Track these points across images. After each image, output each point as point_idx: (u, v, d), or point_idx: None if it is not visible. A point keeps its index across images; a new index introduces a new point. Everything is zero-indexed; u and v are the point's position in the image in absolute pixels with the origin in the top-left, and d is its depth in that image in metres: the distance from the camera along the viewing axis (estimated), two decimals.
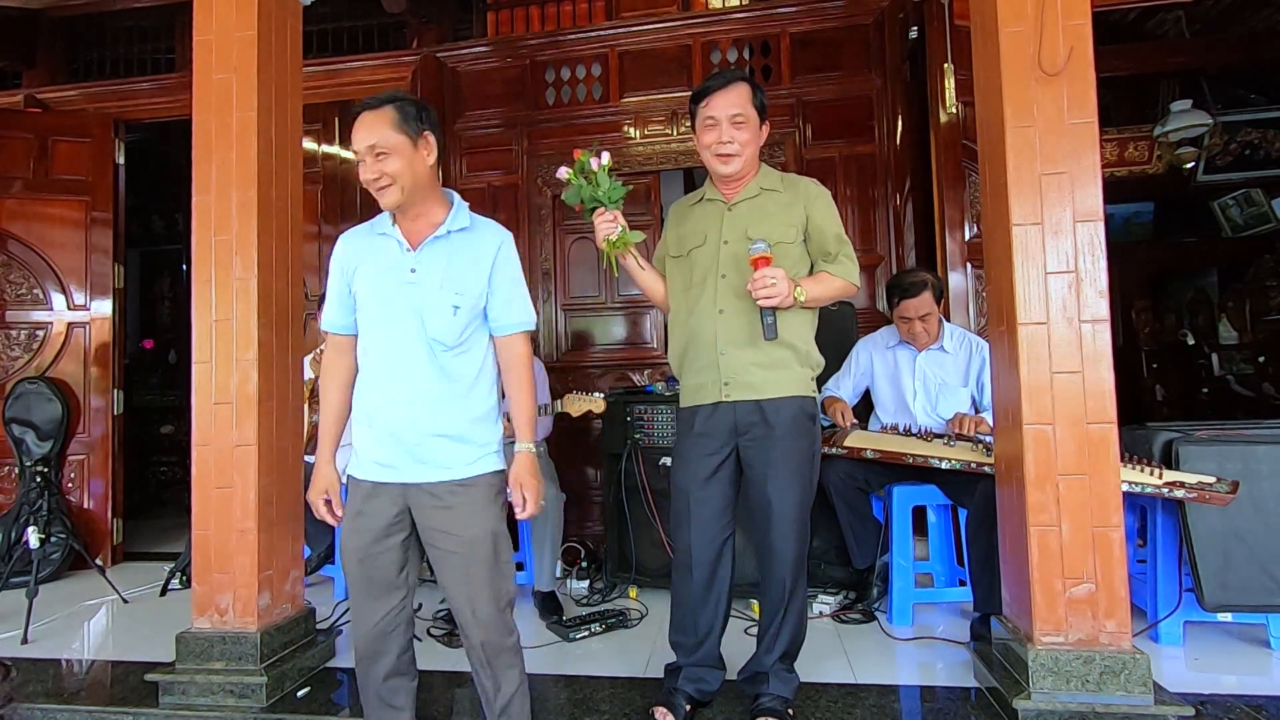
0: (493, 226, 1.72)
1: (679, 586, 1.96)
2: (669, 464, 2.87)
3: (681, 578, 1.95)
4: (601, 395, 2.90)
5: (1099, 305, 1.85)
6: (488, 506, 1.61)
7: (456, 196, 1.71)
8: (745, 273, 1.83)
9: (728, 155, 1.89)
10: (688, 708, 1.91)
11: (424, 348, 1.60)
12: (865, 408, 3.03)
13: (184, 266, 6.13)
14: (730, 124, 1.88)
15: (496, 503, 1.63)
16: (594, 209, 1.90)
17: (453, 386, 1.61)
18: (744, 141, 1.88)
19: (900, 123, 3.52)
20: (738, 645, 2.43)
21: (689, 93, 3.68)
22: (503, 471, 1.66)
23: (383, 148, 1.57)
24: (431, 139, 1.63)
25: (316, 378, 3.11)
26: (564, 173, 1.92)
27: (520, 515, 1.64)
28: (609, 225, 1.88)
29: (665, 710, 1.88)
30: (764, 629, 1.93)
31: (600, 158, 1.88)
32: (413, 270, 1.61)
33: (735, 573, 1.98)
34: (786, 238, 1.89)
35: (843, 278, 1.92)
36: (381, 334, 1.63)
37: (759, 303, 1.78)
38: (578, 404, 2.88)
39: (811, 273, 1.94)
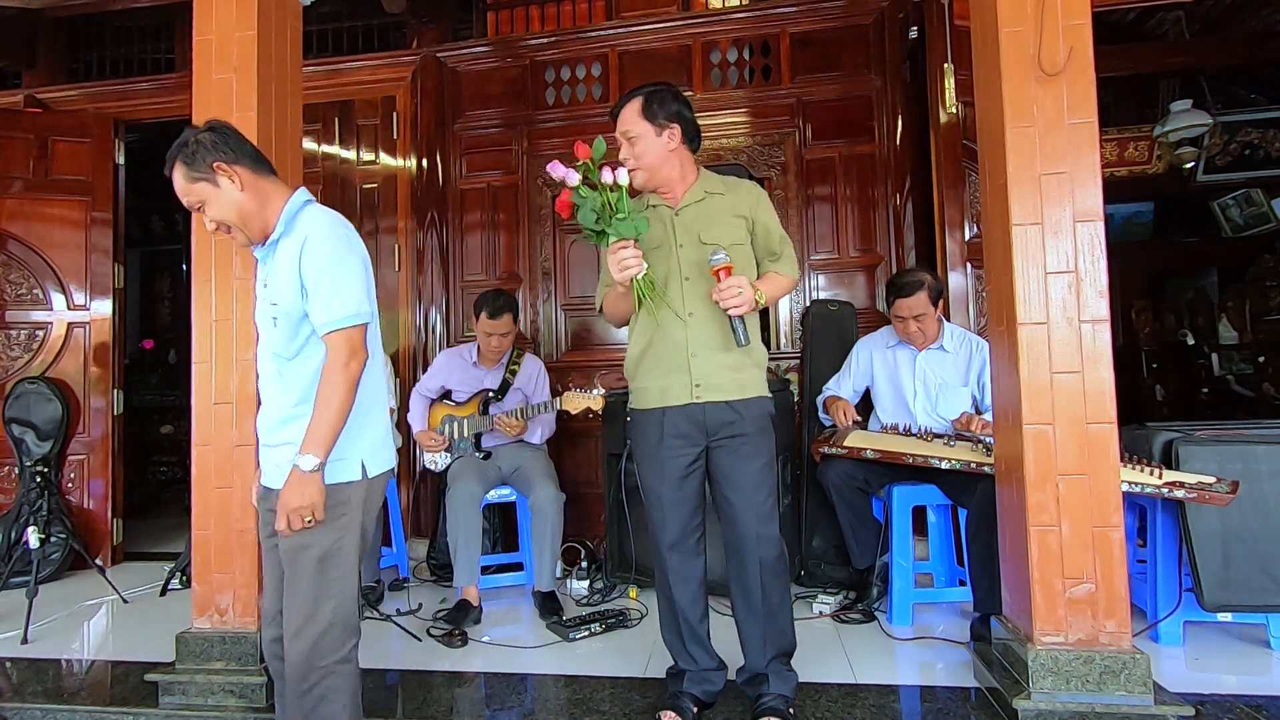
0: (305, 222, 1.56)
1: (662, 589, 1.97)
2: None
3: (664, 579, 1.96)
4: (601, 392, 2.90)
5: (1099, 305, 1.85)
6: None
7: (292, 200, 1.59)
8: (707, 278, 1.84)
9: (631, 169, 1.89)
10: (694, 710, 1.90)
11: (271, 359, 1.61)
12: (865, 408, 3.03)
13: (184, 266, 6.13)
14: (625, 141, 1.93)
15: (334, 517, 1.52)
16: (613, 240, 1.74)
17: (288, 396, 1.57)
18: (637, 154, 1.91)
19: (900, 123, 3.52)
20: (737, 644, 2.43)
21: (689, 93, 3.73)
22: (353, 484, 1.55)
23: (195, 201, 1.56)
24: (226, 165, 1.53)
25: None
26: (569, 175, 1.70)
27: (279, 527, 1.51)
28: (636, 262, 1.76)
29: (674, 714, 1.87)
30: (746, 632, 1.92)
31: (617, 173, 1.71)
32: (264, 285, 1.61)
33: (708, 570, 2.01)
34: (737, 239, 1.92)
35: (788, 275, 2.00)
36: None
37: (729, 312, 1.80)
38: (577, 401, 2.88)
39: (759, 272, 1.98)
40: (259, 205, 1.57)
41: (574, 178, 1.71)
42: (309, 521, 1.48)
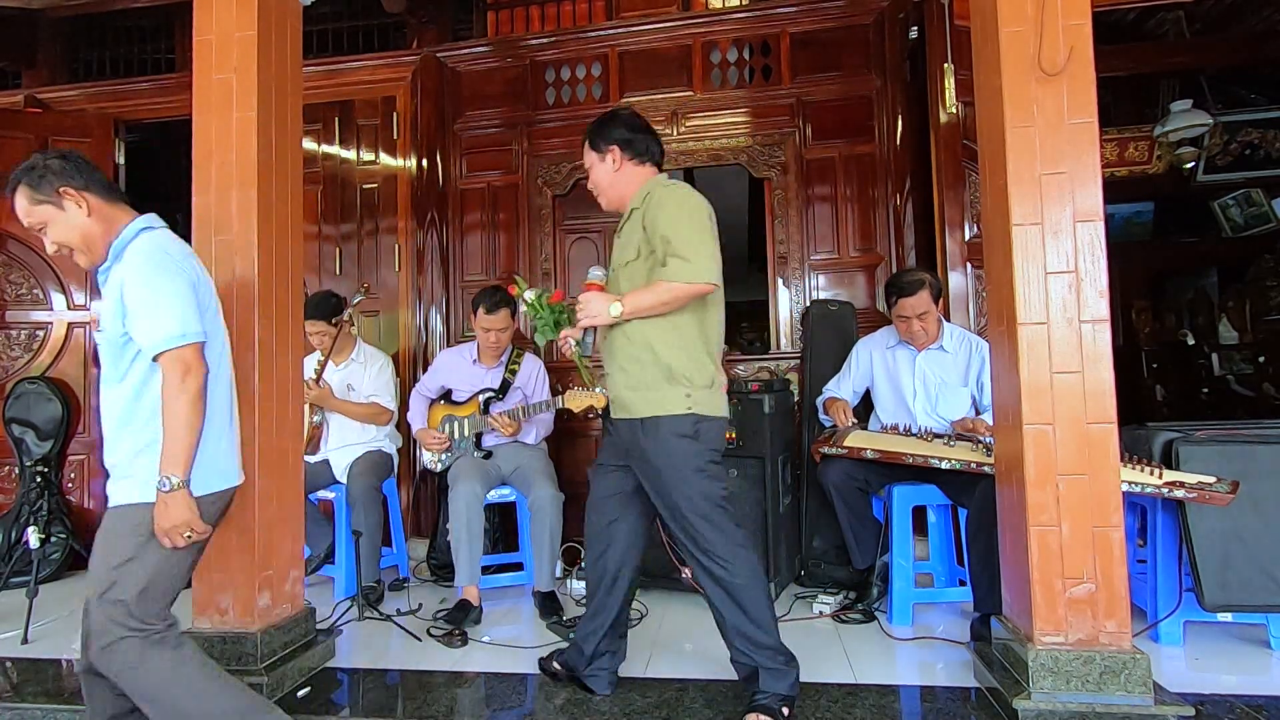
0: (130, 248, 1.61)
1: None
2: None
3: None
4: (603, 391, 2.90)
5: (1099, 305, 1.85)
6: (107, 538, 1.57)
7: (125, 230, 1.64)
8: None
9: (597, 196, 2.14)
10: (558, 667, 2.14)
11: (103, 384, 1.64)
12: (865, 408, 3.03)
13: None
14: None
15: (127, 536, 1.55)
16: (554, 338, 2.23)
17: (113, 419, 1.61)
18: (593, 182, 2.12)
19: (900, 123, 3.52)
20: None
21: (689, 93, 3.74)
22: (150, 506, 1.55)
23: (36, 223, 1.60)
24: (73, 190, 1.59)
25: (316, 379, 3.12)
26: (520, 304, 2.32)
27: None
28: (568, 345, 2.11)
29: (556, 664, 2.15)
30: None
31: (527, 294, 2.27)
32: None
33: (629, 563, 2.11)
34: (630, 256, 1.98)
35: (667, 280, 1.85)
36: None
37: (579, 324, 2.00)
38: (579, 400, 2.88)
39: None
40: (105, 230, 1.63)
41: (521, 307, 2.33)
42: (189, 537, 1.54)
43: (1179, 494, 2.17)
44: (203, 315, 1.62)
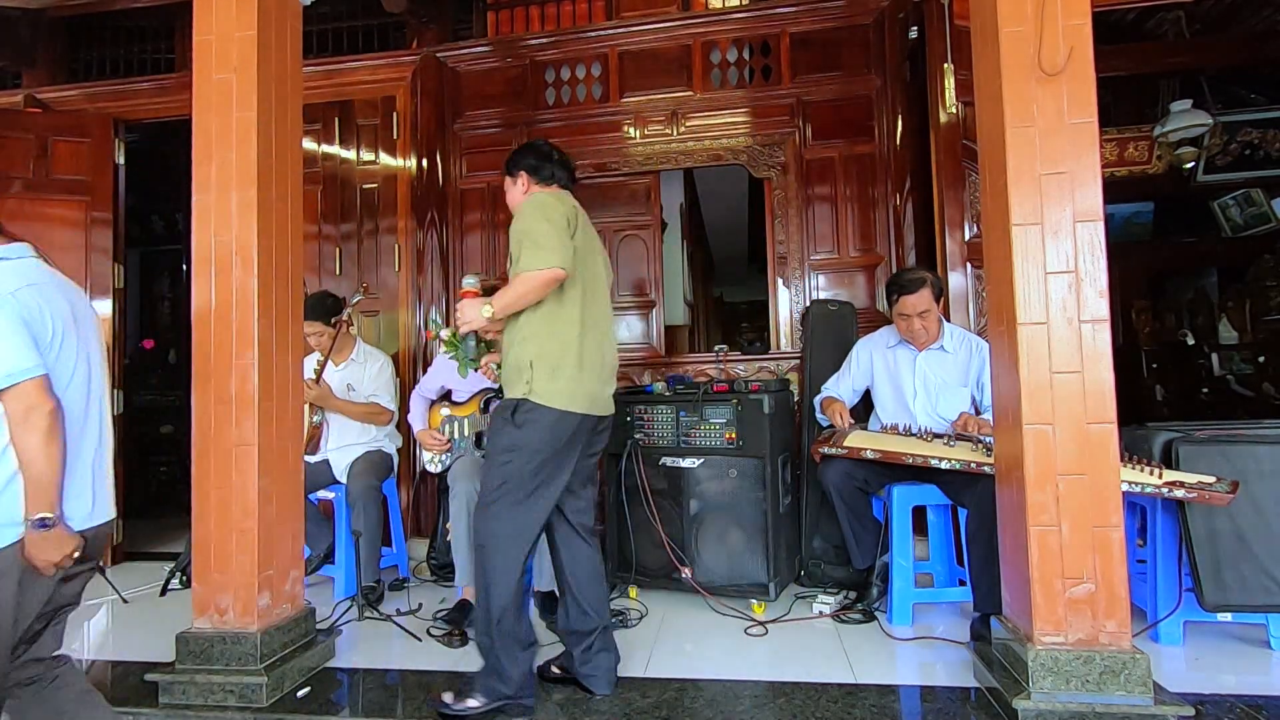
0: None
1: None
2: (669, 464, 2.90)
3: None
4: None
5: (1099, 305, 1.85)
6: None
7: None
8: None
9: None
10: (556, 671, 2.18)
11: None
12: (865, 408, 3.03)
13: (184, 266, 6.13)
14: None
15: None
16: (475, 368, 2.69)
17: None
18: (509, 203, 2.28)
19: (900, 123, 3.52)
20: (737, 644, 2.44)
21: (689, 93, 3.74)
22: None
23: None
24: None
25: (315, 380, 3.12)
26: (441, 338, 2.73)
27: None
28: (491, 370, 2.70)
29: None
30: None
31: (443, 333, 2.75)
32: None
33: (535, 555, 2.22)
34: (508, 261, 2.11)
35: (520, 273, 1.98)
36: None
37: (459, 331, 2.13)
38: None
39: None
40: None
41: (441, 345, 2.85)
42: (73, 556, 1.52)
43: (1179, 494, 2.17)
44: (45, 348, 1.53)
